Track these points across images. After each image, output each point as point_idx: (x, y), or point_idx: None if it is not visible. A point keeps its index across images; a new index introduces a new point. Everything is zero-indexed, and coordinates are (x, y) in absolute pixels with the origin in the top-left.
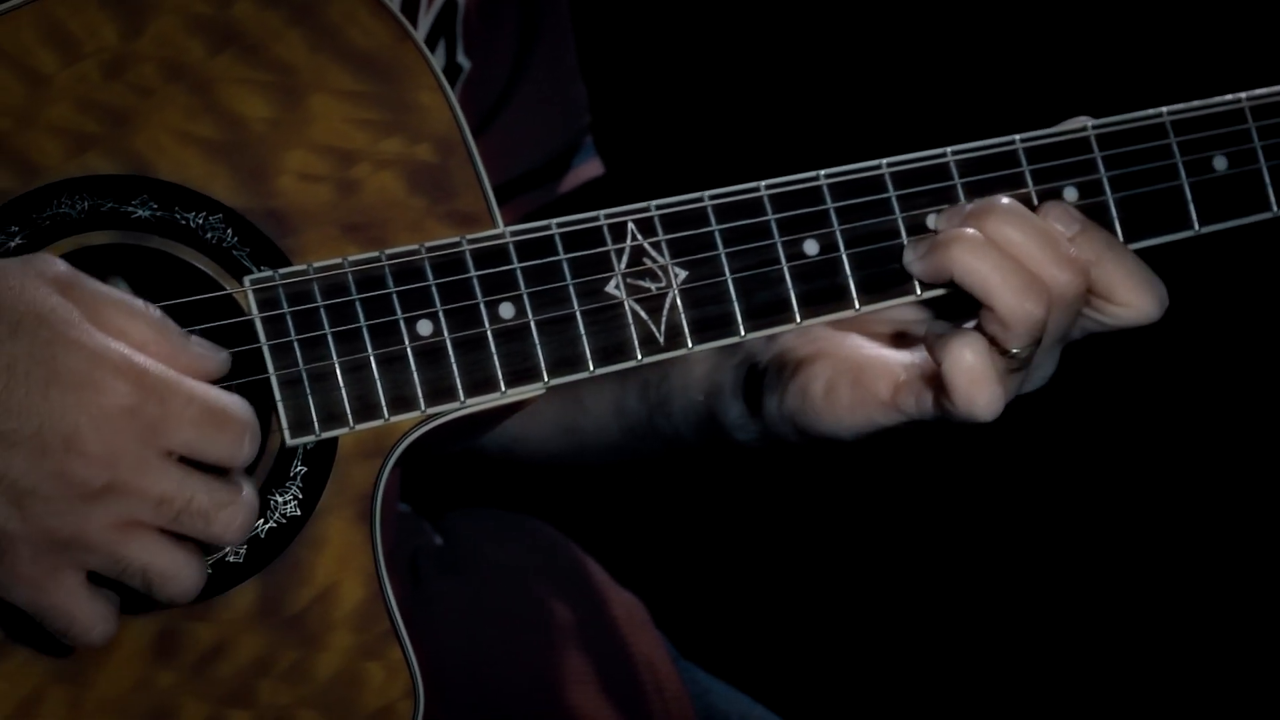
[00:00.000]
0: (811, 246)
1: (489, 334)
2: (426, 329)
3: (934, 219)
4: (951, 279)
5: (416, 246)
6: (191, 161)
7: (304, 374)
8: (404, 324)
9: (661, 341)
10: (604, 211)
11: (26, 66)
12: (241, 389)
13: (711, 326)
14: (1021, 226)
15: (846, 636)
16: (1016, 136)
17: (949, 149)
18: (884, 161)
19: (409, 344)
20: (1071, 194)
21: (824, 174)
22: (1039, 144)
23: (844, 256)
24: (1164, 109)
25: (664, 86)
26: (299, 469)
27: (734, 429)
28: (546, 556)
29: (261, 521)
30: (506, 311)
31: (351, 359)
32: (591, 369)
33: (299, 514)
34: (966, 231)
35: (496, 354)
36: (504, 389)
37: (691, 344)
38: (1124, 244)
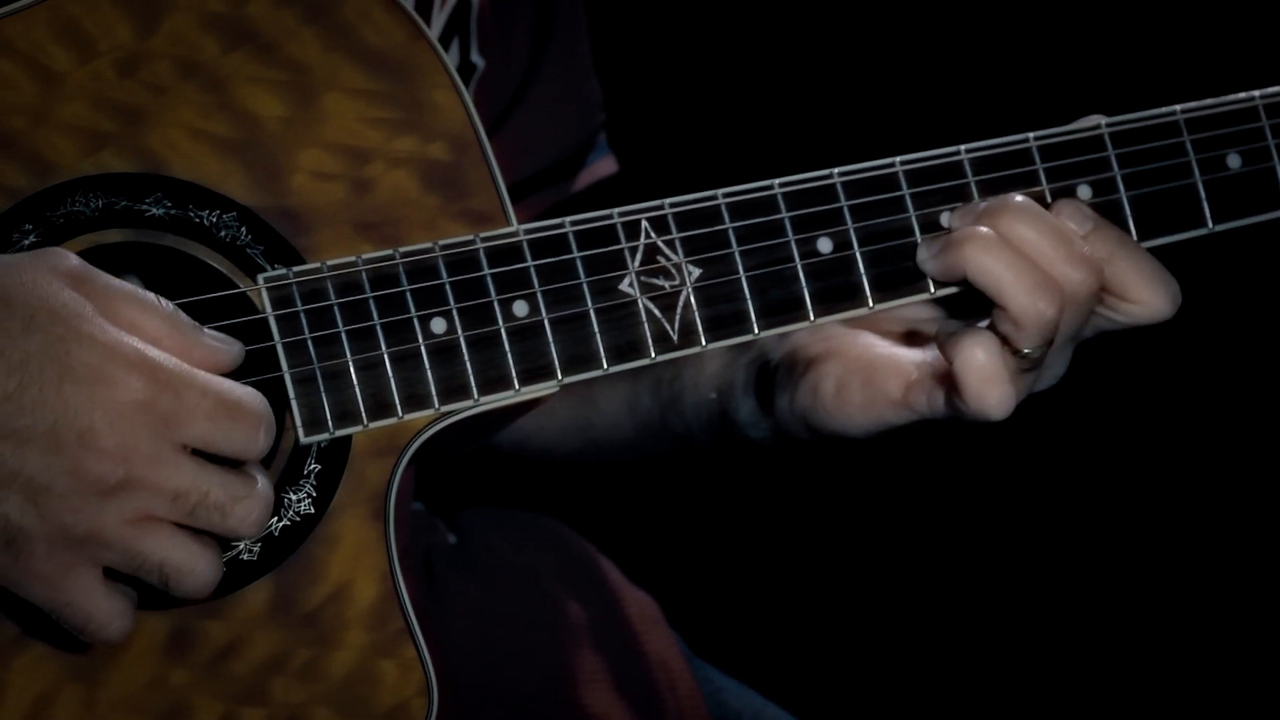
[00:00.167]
0: (825, 244)
1: (503, 332)
2: (440, 327)
3: (947, 217)
4: (964, 277)
5: (430, 245)
6: (205, 160)
7: (318, 372)
8: (418, 322)
9: (675, 339)
10: (617, 209)
11: (40, 64)
12: (255, 387)
13: (725, 324)
14: (1035, 225)
15: (858, 635)
16: (1030, 135)
17: (962, 147)
18: (897, 160)
19: (423, 342)
20: (1085, 192)
21: (838, 172)
22: (1052, 142)
23: (857, 254)
24: (1177, 107)
25: (678, 84)
26: (313, 467)
27: (746, 427)
28: (560, 555)
29: (275, 519)
30: (520, 309)
31: (365, 357)
32: (605, 367)
33: (313, 512)
34: (980, 230)
35: (510, 352)
36: (518, 387)
37: (705, 342)
38: (1137, 242)
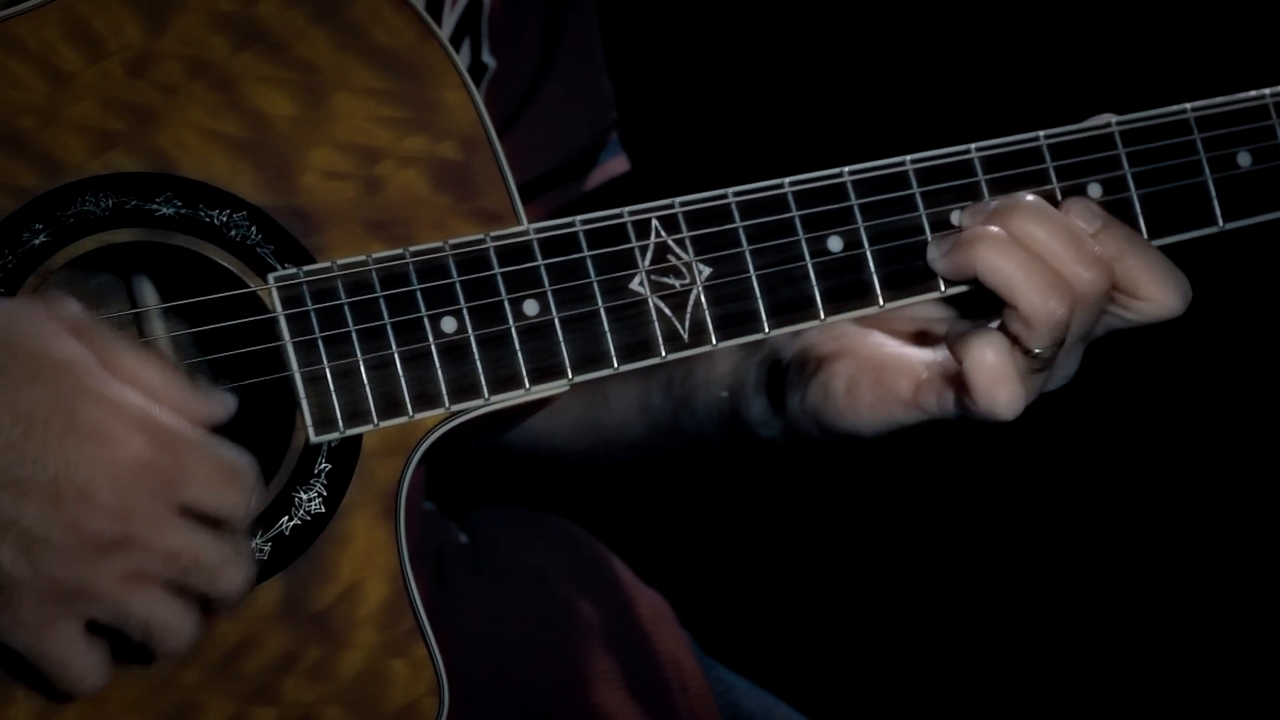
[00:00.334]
0: (835, 243)
1: (513, 331)
2: (451, 326)
3: (958, 215)
4: (975, 276)
5: (440, 244)
6: (215, 159)
7: (328, 371)
8: (428, 321)
9: (685, 338)
10: (628, 208)
11: (50, 64)
12: (265, 386)
13: (735, 323)
14: (1046, 224)
15: (869, 634)
16: (1040, 133)
17: (973, 145)
18: (908, 158)
19: (433, 341)
20: (1095, 190)
21: (848, 170)
22: (1063, 140)
23: (868, 253)
24: (1188, 105)
25: (690, 83)
26: (323, 466)
27: (756, 425)
28: (572, 555)
29: (286, 518)
30: (530, 308)
31: (376, 356)
32: (616, 366)
33: (323, 511)
34: (991, 229)
35: (520, 351)
36: (528, 386)
37: (715, 341)
38: (1146, 239)
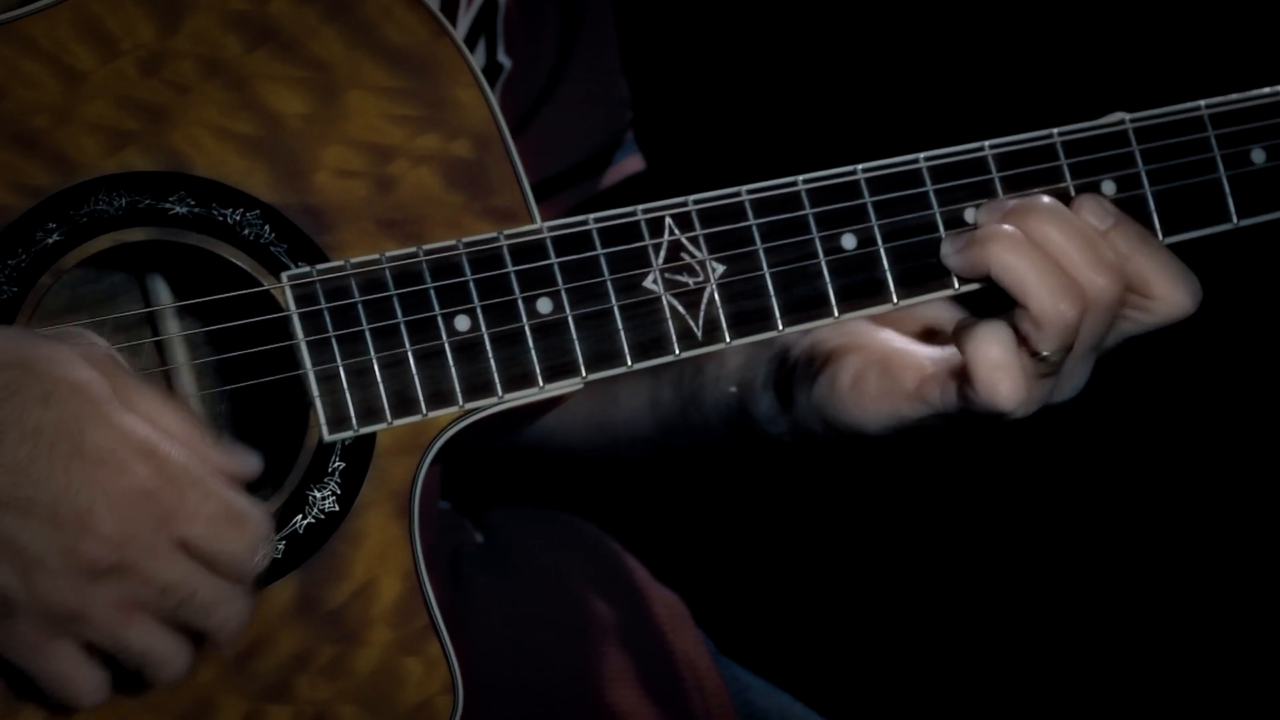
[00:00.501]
0: (849, 241)
1: (527, 329)
2: (464, 324)
3: (972, 213)
4: (988, 275)
5: (454, 242)
6: (229, 158)
7: (341, 370)
8: (442, 319)
9: (699, 336)
10: (641, 206)
11: (64, 63)
12: (279, 385)
13: (749, 321)
14: (1062, 227)
15: (885, 634)
16: (1054, 130)
17: (986, 143)
18: (921, 155)
19: (447, 339)
20: (1110, 188)
21: (861, 168)
22: (1077, 138)
23: (882, 251)
24: (1201, 102)
25: (705, 83)
26: (337, 464)
27: (764, 422)
28: (587, 554)
29: (300, 517)
30: (544, 307)
31: (389, 355)
32: (629, 364)
33: (337, 509)
34: (1006, 229)
35: (534, 349)
36: (542, 384)
37: (729, 338)
38: (1157, 238)
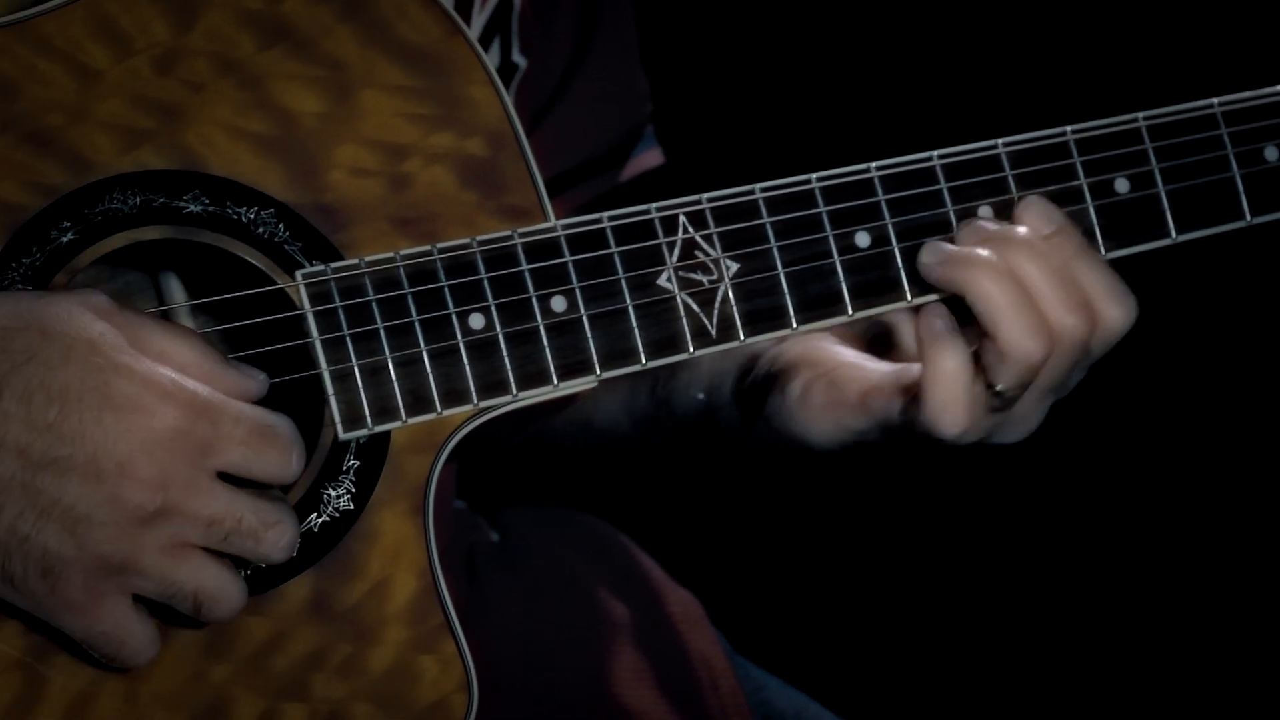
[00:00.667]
0: (863, 239)
1: (541, 327)
2: (478, 323)
3: (986, 211)
4: (961, 295)
5: (468, 240)
6: (243, 156)
7: (356, 368)
8: (456, 318)
9: (713, 334)
10: (655, 204)
11: (78, 62)
12: (294, 383)
13: (763, 319)
14: (1039, 262)
15: (901, 633)
16: (1068, 128)
17: (1000, 141)
18: (935, 154)
19: (461, 338)
20: (1123, 185)
21: (875, 166)
22: (1090, 135)
23: (895, 249)
24: (1214, 100)
25: (725, 76)
26: (352, 463)
27: (728, 430)
28: (602, 553)
29: (315, 515)
30: (558, 305)
31: (404, 353)
32: (644, 362)
33: (352, 508)
34: (989, 256)
35: (548, 347)
36: (556, 382)
37: (743, 337)
38: (1099, 252)
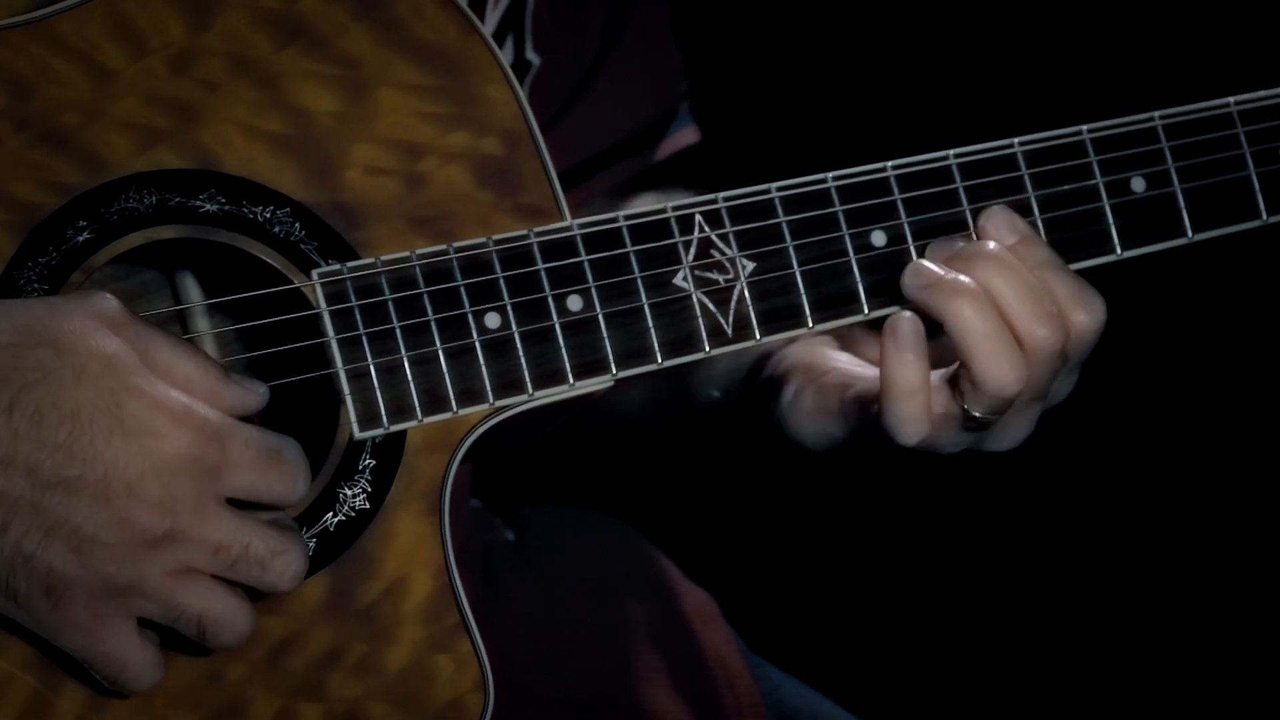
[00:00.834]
0: (879, 238)
1: (557, 327)
2: (494, 322)
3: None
4: (940, 321)
5: (484, 239)
6: (259, 156)
7: (372, 367)
8: (472, 317)
9: (729, 333)
10: (671, 204)
11: (94, 61)
12: (309, 382)
13: (779, 318)
14: (1009, 277)
15: (918, 632)
16: (1084, 127)
17: (1016, 140)
18: (951, 153)
19: (477, 337)
20: (1139, 184)
21: (891, 165)
22: (1106, 134)
23: (911, 248)
24: (1231, 99)
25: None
26: (367, 462)
27: (741, 428)
28: (618, 553)
29: (330, 515)
30: (574, 304)
31: (420, 352)
32: (660, 361)
33: (368, 507)
34: (971, 285)
35: (564, 346)
36: (572, 381)
37: (759, 336)
38: (1063, 261)
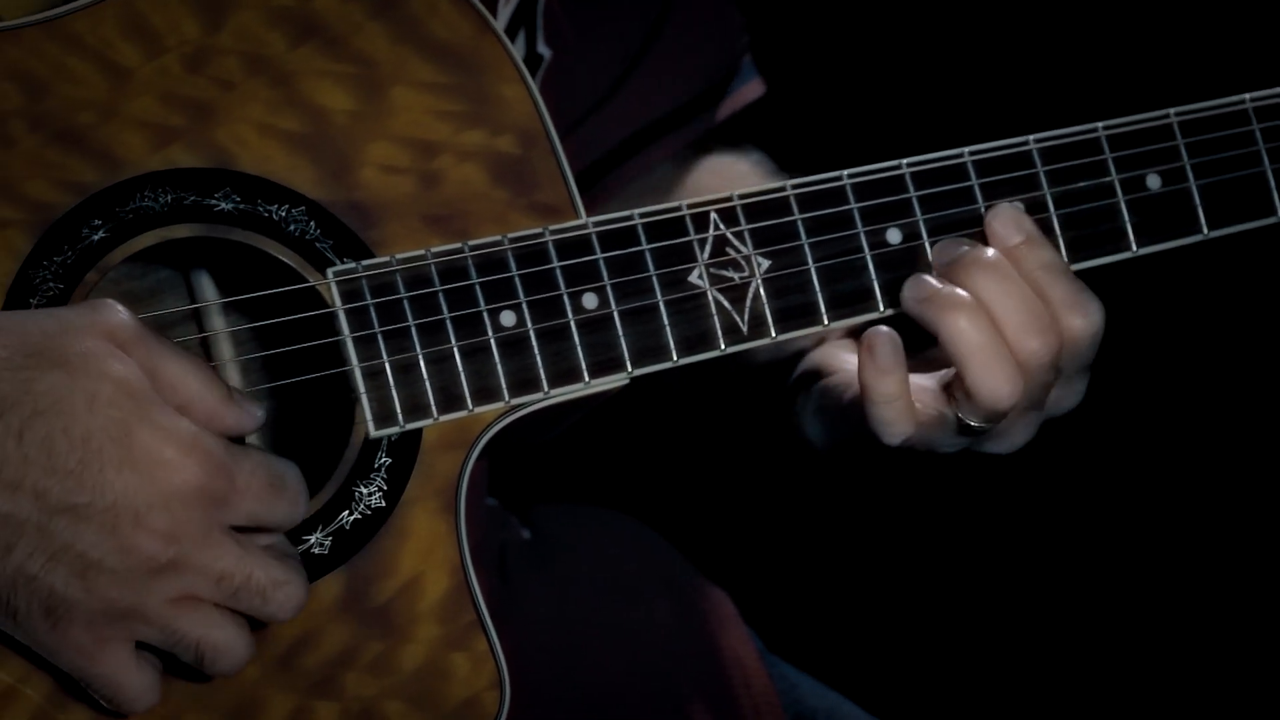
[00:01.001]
0: (894, 235)
1: (572, 325)
2: (510, 320)
3: (1016, 205)
4: (936, 334)
5: (499, 238)
6: (274, 154)
7: (388, 366)
8: (487, 315)
9: (745, 331)
10: (686, 201)
11: (108, 60)
12: (325, 381)
13: (795, 316)
14: (1005, 285)
15: (935, 631)
16: (1099, 124)
17: (1031, 137)
18: (966, 150)
19: (492, 335)
20: (1155, 181)
21: (906, 163)
22: (1121, 131)
23: (927, 245)
24: (1246, 96)
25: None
26: (383, 460)
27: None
28: (634, 551)
29: (346, 513)
30: (590, 302)
31: (435, 350)
32: (675, 359)
33: (383, 505)
34: (967, 299)
35: (580, 344)
36: (588, 379)
37: (775, 334)
38: (1064, 264)
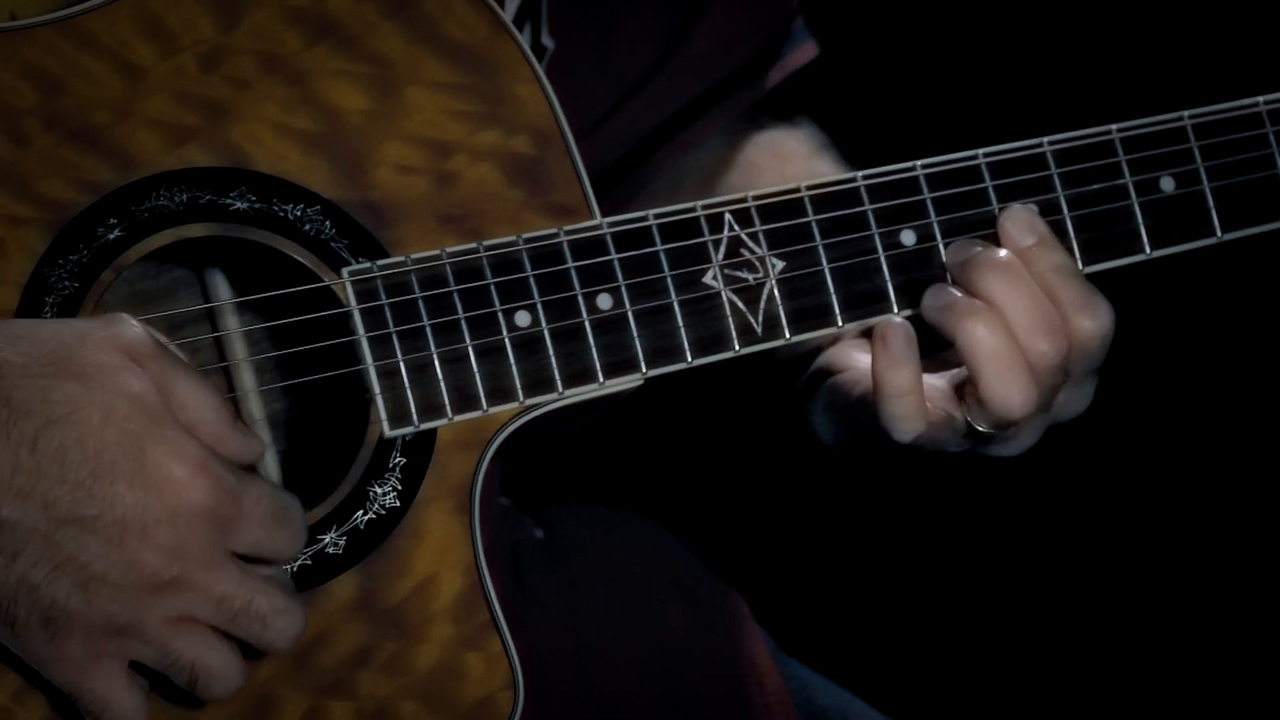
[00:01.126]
0: (909, 237)
1: (587, 325)
2: (524, 320)
3: (1030, 207)
4: (953, 341)
5: (514, 238)
6: (289, 154)
7: (402, 365)
8: (502, 315)
9: (759, 332)
10: (700, 202)
11: (124, 59)
12: (340, 380)
13: (809, 317)
14: (1018, 287)
15: (948, 630)
16: (1113, 126)
17: (1045, 139)
18: (980, 152)
19: (507, 335)
20: (1169, 184)
21: (920, 164)
22: (1135, 134)
23: (941, 247)
24: (1259, 99)
25: None
26: (398, 460)
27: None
28: (646, 551)
29: (361, 512)
30: (604, 303)
31: (450, 350)
32: (689, 360)
33: (398, 505)
34: (983, 308)
35: (594, 345)
36: (602, 380)
37: (789, 335)
38: (1076, 266)
